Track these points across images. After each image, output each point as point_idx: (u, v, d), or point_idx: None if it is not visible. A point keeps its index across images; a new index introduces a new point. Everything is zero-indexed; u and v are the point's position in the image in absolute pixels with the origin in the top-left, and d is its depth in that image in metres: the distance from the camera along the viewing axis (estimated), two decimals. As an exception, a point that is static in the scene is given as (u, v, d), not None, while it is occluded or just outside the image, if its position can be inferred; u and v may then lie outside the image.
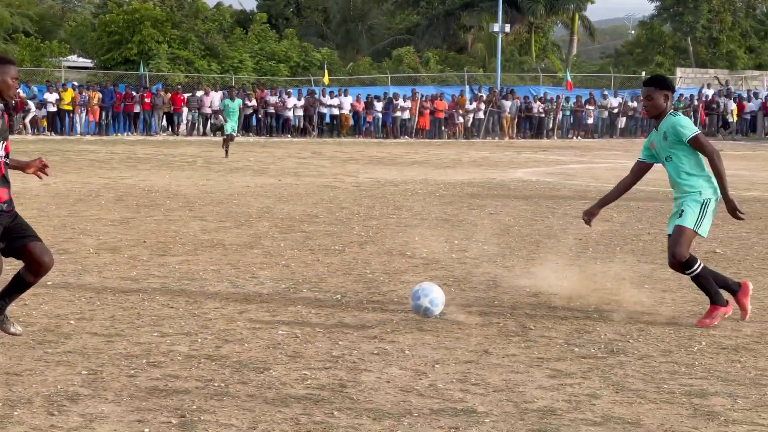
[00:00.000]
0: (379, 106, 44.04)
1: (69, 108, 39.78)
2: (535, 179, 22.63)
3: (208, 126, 42.53)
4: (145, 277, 9.69)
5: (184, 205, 15.93)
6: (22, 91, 37.16)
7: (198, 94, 42.44)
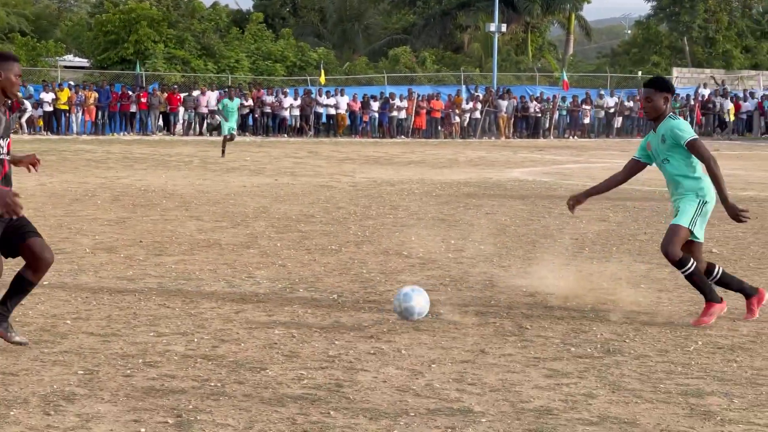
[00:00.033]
0: (375, 105, 44.04)
1: (65, 108, 39.78)
2: (532, 179, 22.63)
3: (204, 126, 42.53)
4: (142, 276, 9.68)
5: (181, 205, 15.92)
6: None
7: (194, 93, 42.44)
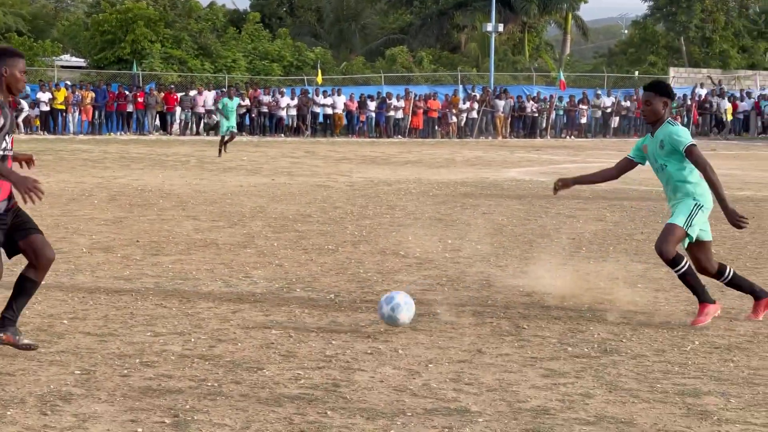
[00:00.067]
0: (372, 105, 44.02)
1: (62, 107, 39.75)
2: (529, 179, 22.64)
3: (201, 125, 42.51)
4: (138, 276, 9.68)
5: (177, 205, 15.91)
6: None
7: (191, 93, 42.41)
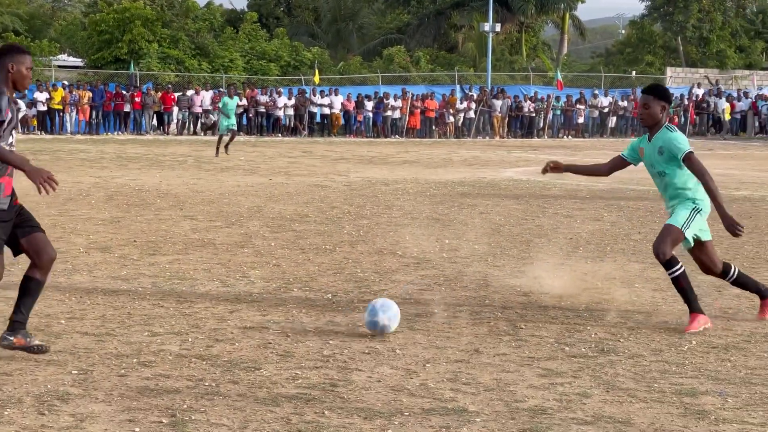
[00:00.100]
0: (369, 105, 44.02)
1: (59, 107, 39.71)
2: (526, 178, 22.65)
3: (199, 125, 42.50)
4: (136, 276, 9.67)
5: (175, 205, 15.90)
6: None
7: (188, 93, 42.40)
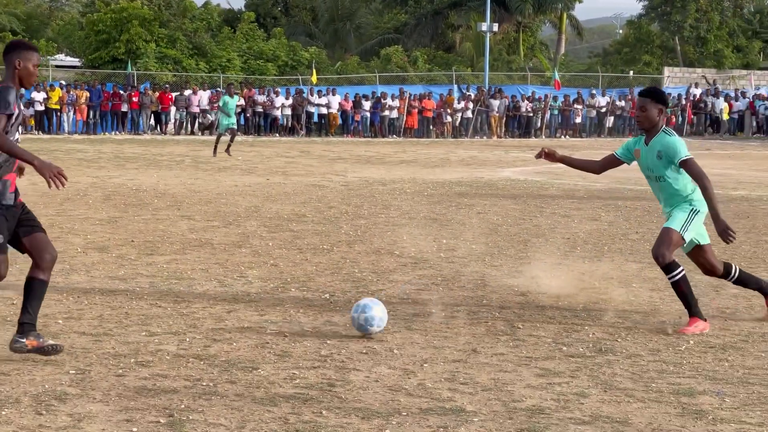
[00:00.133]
0: (367, 105, 44.01)
1: (56, 107, 39.68)
2: (523, 178, 22.65)
3: (196, 125, 42.48)
4: (133, 276, 9.67)
5: (172, 205, 15.90)
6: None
7: (186, 93, 42.38)
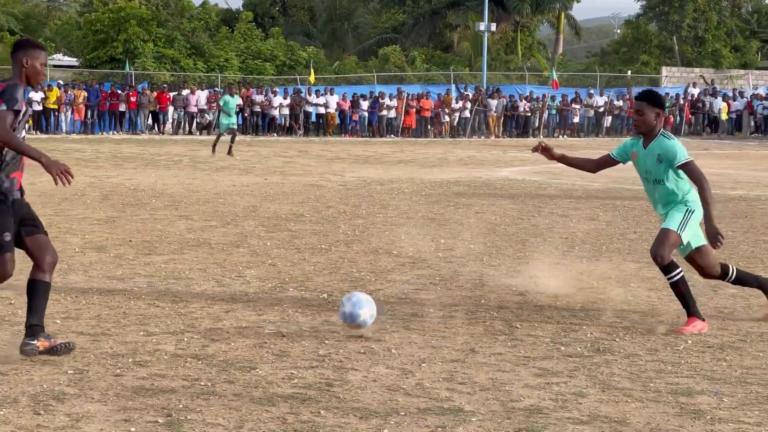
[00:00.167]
0: (365, 105, 44.01)
1: (54, 107, 39.66)
2: (521, 178, 22.65)
3: (194, 125, 42.48)
4: (131, 276, 9.67)
5: (170, 204, 15.89)
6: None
7: (184, 92, 42.39)
